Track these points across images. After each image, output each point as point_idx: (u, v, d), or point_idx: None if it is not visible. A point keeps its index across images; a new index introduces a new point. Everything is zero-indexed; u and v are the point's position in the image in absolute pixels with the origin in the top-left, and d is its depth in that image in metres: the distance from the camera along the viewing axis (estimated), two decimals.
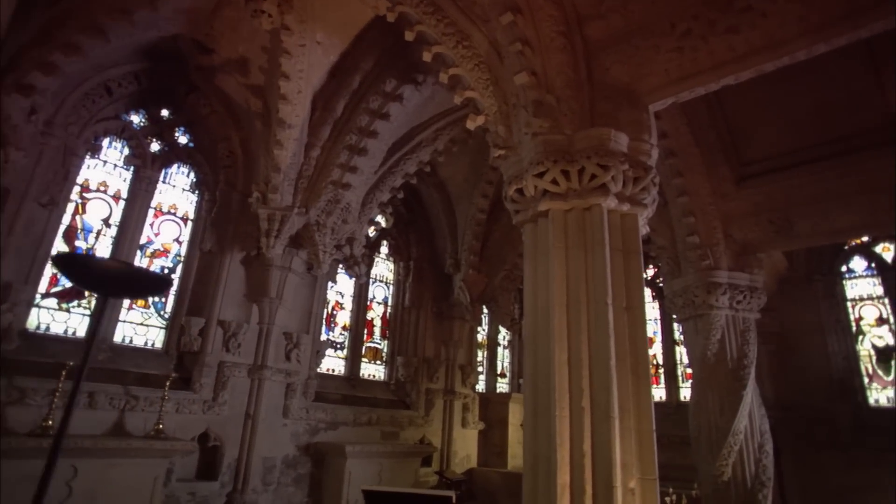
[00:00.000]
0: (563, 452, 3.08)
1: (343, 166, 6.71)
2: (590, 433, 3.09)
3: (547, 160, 3.59)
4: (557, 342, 3.28)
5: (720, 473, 5.95)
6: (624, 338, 3.28)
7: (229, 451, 6.48)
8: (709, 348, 6.32)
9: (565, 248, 3.51)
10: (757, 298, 6.48)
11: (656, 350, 10.92)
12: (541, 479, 3.15)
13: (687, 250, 6.52)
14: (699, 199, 6.46)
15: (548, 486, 3.07)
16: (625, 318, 3.33)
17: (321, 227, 6.82)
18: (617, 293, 3.37)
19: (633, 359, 3.28)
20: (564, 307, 3.37)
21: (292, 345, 7.32)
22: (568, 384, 3.21)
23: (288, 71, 6.05)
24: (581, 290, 3.37)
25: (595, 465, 3.04)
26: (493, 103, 4.16)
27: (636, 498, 3.02)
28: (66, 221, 6.06)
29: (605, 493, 2.95)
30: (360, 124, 6.58)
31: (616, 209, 3.56)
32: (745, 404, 6.14)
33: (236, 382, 6.70)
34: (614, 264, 3.44)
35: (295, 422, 7.23)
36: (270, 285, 7.05)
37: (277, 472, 6.90)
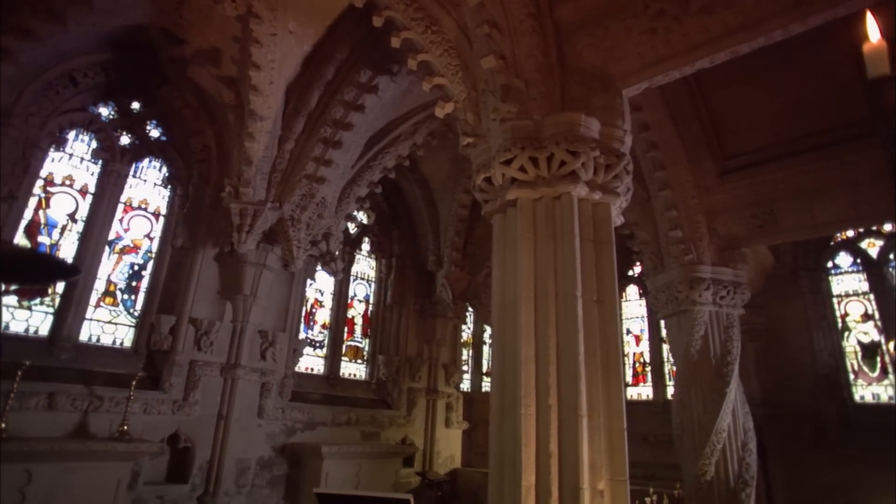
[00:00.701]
0: (529, 453, 2.93)
1: (317, 160, 6.52)
2: (556, 432, 2.94)
3: (514, 147, 3.43)
4: (524, 337, 3.13)
5: (703, 472, 5.83)
6: (594, 332, 3.13)
7: (201, 452, 6.27)
8: (692, 345, 6.19)
9: (533, 239, 3.36)
10: (741, 294, 6.36)
11: (643, 348, 10.82)
12: (506, 481, 2.99)
13: (670, 245, 6.40)
14: (682, 192, 6.34)
15: (513, 488, 2.92)
16: (595, 312, 3.18)
17: (295, 222, 6.63)
18: (587, 285, 3.22)
19: (603, 354, 3.13)
20: (532, 300, 3.22)
21: (268, 343, 7.12)
22: (535, 381, 3.06)
23: (259, 61, 5.85)
24: (549, 282, 3.22)
25: (562, 465, 2.88)
26: (462, 90, 4.00)
27: (605, 500, 2.87)
28: (28, 216, 5.84)
29: (571, 495, 2.80)
30: (334, 116, 6.40)
31: (587, 198, 3.41)
32: (729, 402, 6.02)
33: (208, 382, 6.50)
34: (585, 255, 3.29)
35: (270, 422, 7.03)
36: (244, 282, 6.85)
37: (252, 473, 6.71)
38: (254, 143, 6.18)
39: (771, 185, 6.02)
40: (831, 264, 9.05)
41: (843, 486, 7.36)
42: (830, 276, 8.96)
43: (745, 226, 6.28)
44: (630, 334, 11.16)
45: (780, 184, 5.96)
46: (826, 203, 5.75)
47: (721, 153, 6.41)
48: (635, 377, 10.87)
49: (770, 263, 8.88)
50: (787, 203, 5.97)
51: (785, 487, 7.88)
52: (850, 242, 9.00)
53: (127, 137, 6.83)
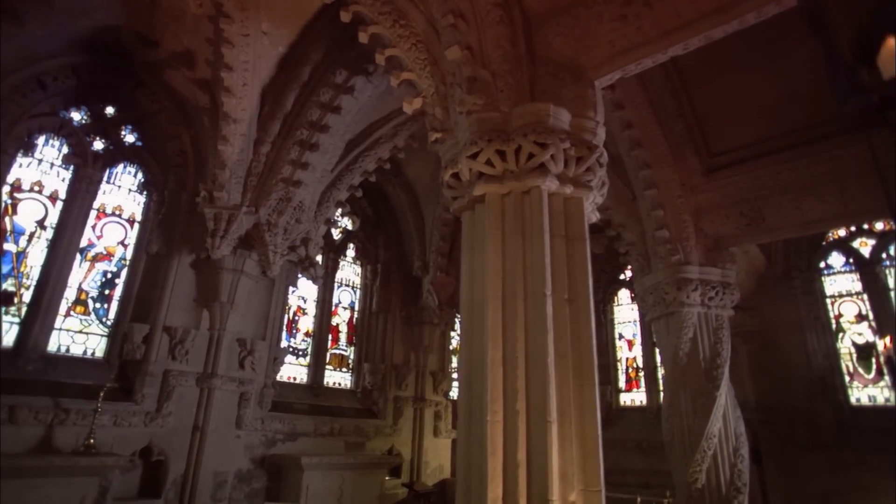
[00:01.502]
0: (495, 462, 2.74)
1: (294, 163, 6.37)
2: (525, 440, 2.76)
3: (481, 140, 3.28)
4: (491, 338, 2.95)
5: (693, 480, 5.63)
6: (565, 333, 2.96)
7: (175, 465, 6.06)
8: (680, 348, 6.02)
9: (502, 236, 3.20)
10: (730, 294, 6.19)
11: (636, 353, 10.64)
12: (473, 493, 2.80)
13: (657, 245, 6.24)
14: (668, 191, 6.19)
15: (480, 501, 2.73)
16: (567, 311, 3.01)
17: (272, 226, 6.46)
18: (558, 283, 3.05)
19: (576, 356, 2.95)
20: (499, 300, 3.05)
21: (246, 352, 6.93)
22: (502, 385, 2.88)
23: (231, 62, 5.72)
24: (518, 280, 3.05)
25: (531, 475, 2.70)
26: (430, 84, 3.85)
27: None
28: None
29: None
30: (310, 118, 6.25)
31: (558, 192, 3.25)
32: (719, 406, 5.83)
33: (183, 392, 6.29)
34: (556, 252, 3.12)
35: (249, 433, 6.82)
36: (221, 289, 6.67)
37: (229, 487, 6.48)
38: (227, 145, 6.03)
39: (758, 182, 5.88)
40: (824, 264, 8.89)
41: (839, 492, 7.17)
42: (823, 276, 8.80)
43: (733, 224, 6.13)
44: (622, 339, 10.98)
45: (766, 181, 5.82)
46: (814, 200, 5.60)
47: (707, 151, 6.27)
48: (628, 383, 10.68)
49: (762, 264, 8.74)
50: (775, 200, 5.82)
51: (781, 493, 7.67)
52: (842, 242, 8.86)
53: (100, 142, 6.68)
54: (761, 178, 5.85)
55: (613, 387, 10.68)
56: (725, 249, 6.22)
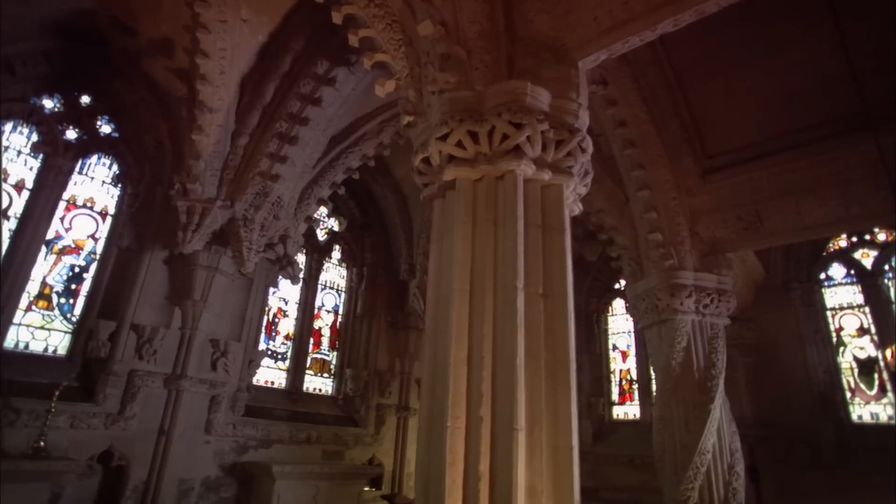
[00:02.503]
0: (454, 474, 2.43)
1: (272, 156, 6.11)
2: (489, 450, 2.45)
3: (452, 120, 3.01)
4: (455, 336, 2.66)
5: (685, 498, 5.29)
6: (538, 331, 2.66)
7: (136, 471, 5.72)
8: (673, 357, 5.71)
9: (472, 224, 2.91)
10: (726, 302, 5.90)
11: (630, 364, 10.31)
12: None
13: (649, 249, 5.96)
14: (662, 193, 5.92)
15: None
16: (541, 307, 2.72)
17: (248, 222, 6.18)
18: (531, 276, 2.76)
19: (550, 357, 2.66)
20: (466, 293, 2.75)
21: (219, 353, 6.61)
22: (466, 387, 2.58)
23: (207, 48, 5.49)
24: (488, 272, 2.76)
25: (493, 490, 2.39)
26: (404, 66, 3.60)
27: None
28: None
29: None
30: (290, 110, 6.01)
31: (535, 178, 2.97)
32: (714, 419, 5.51)
33: (150, 393, 5.97)
34: (530, 243, 2.84)
35: (220, 439, 6.49)
36: (194, 286, 6.38)
37: (195, 495, 6.14)
38: (202, 136, 5.78)
39: (756, 184, 5.61)
40: (824, 276, 8.61)
41: None
42: (823, 288, 8.52)
43: (730, 229, 5.85)
44: (616, 350, 10.66)
45: (764, 183, 5.55)
46: (814, 203, 5.33)
47: (703, 151, 6.01)
48: (621, 395, 10.34)
49: (760, 275, 8.46)
50: (773, 204, 5.55)
51: None
52: (844, 253, 8.59)
53: (73, 132, 6.43)
54: (759, 180, 5.59)
55: (606, 399, 10.34)
56: (722, 255, 5.93)
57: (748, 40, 5.39)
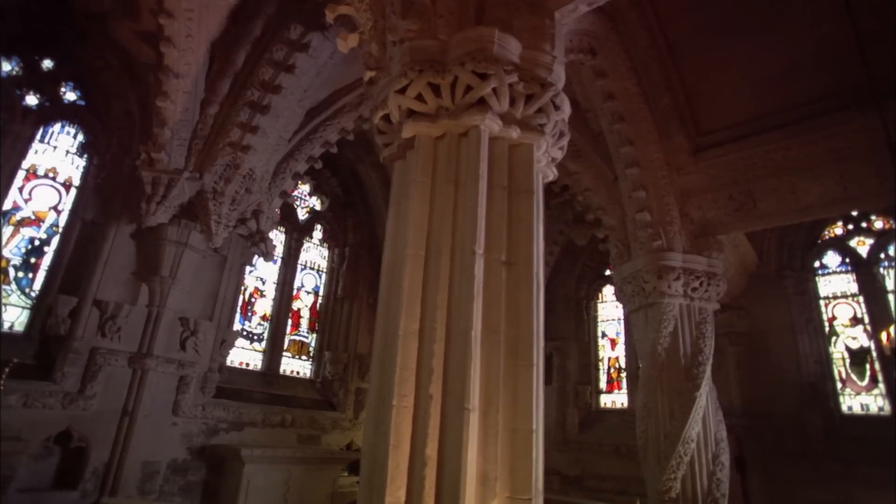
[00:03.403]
0: (399, 457, 2.18)
1: (243, 126, 5.79)
2: (438, 432, 2.20)
3: (412, 70, 2.72)
4: (406, 306, 2.39)
5: (667, 488, 5.08)
6: (499, 301, 2.40)
7: (97, 453, 5.48)
8: (659, 342, 5.48)
9: (431, 185, 2.64)
10: (715, 286, 5.65)
11: (619, 352, 10.10)
12: (375, 495, 2.24)
13: (637, 230, 5.70)
14: (651, 171, 5.65)
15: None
16: (502, 276, 2.46)
17: (217, 195, 5.89)
18: (494, 242, 2.49)
19: (511, 331, 2.40)
20: (420, 260, 2.49)
21: (189, 332, 6.35)
22: (416, 363, 2.33)
23: (171, 8, 5.14)
24: (445, 237, 2.49)
25: (441, 476, 2.14)
26: (368, 17, 3.30)
27: None
28: None
29: None
30: (262, 78, 5.68)
31: (502, 136, 2.69)
32: (699, 407, 5.29)
33: (112, 373, 5.72)
34: (494, 205, 2.56)
35: (188, 421, 6.25)
36: (162, 262, 6.10)
37: (161, 478, 5.91)
38: (168, 102, 5.45)
39: (749, 163, 5.34)
40: (818, 264, 8.37)
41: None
42: (817, 276, 8.28)
43: (721, 209, 5.59)
44: (605, 338, 10.44)
45: (758, 161, 5.29)
46: (810, 182, 5.07)
47: (695, 128, 5.73)
48: (609, 383, 10.14)
49: (753, 262, 8.22)
50: (767, 183, 5.29)
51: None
52: (839, 240, 8.35)
53: (34, 97, 6.09)
54: (753, 158, 5.32)
55: (594, 387, 10.14)
56: (713, 237, 5.68)
57: (745, 10, 5.09)
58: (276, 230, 8.29)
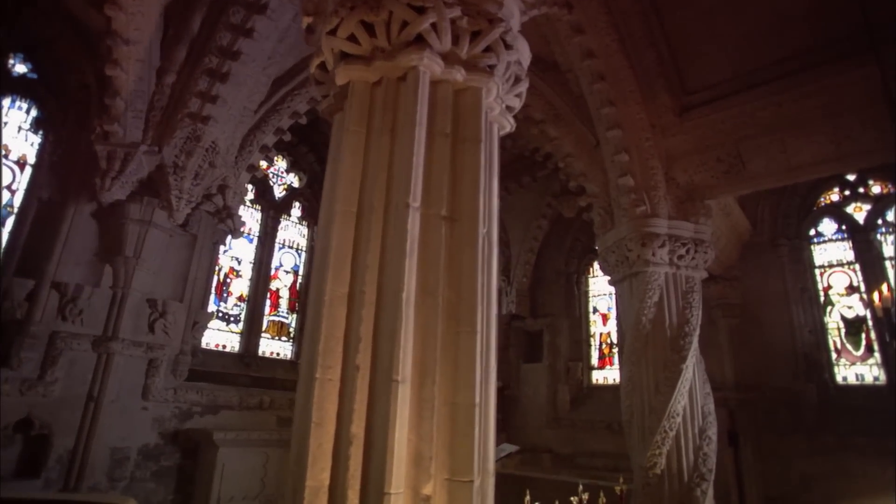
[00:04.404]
0: (322, 436, 1.94)
1: (202, 95, 5.47)
2: (365, 408, 1.96)
3: (343, 8, 2.41)
4: (333, 267, 2.13)
5: (651, 465, 4.88)
6: (437, 261, 2.14)
7: (61, 440, 5.28)
8: (644, 313, 5.22)
9: (366, 135, 2.35)
10: (703, 253, 5.38)
11: (611, 328, 9.88)
12: (297, 478, 2.01)
13: (620, 196, 5.41)
14: (634, 133, 5.34)
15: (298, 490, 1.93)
16: (442, 232, 2.19)
17: (179, 169, 5.59)
18: (433, 195, 2.22)
19: (452, 294, 2.14)
20: (352, 217, 2.22)
21: (157, 314, 6.11)
22: (344, 330, 2.07)
23: None
24: (378, 191, 2.22)
25: (369, 457, 1.90)
26: None
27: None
28: None
29: (377, 502, 1.82)
30: (220, 43, 5.34)
31: (446, 78, 2.40)
32: (686, 380, 5.06)
33: (75, 357, 5.49)
34: (436, 154, 2.29)
35: (159, 405, 6.05)
36: (125, 242, 5.83)
37: (132, 464, 5.73)
38: (118, 70, 5.12)
39: (738, 121, 5.02)
40: (813, 232, 8.09)
41: (821, 477, 6.48)
42: (812, 244, 8.01)
43: (709, 172, 5.29)
44: (597, 313, 10.22)
45: (747, 120, 4.96)
46: (802, 140, 4.76)
47: (681, 87, 5.39)
48: (601, 359, 9.95)
49: (746, 230, 7.94)
50: (757, 143, 4.98)
51: (757, 478, 6.98)
52: (835, 207, 8.06)
53: None
54: (741, 116, 4.99)
55: (585, 364, 9.95)
56: (700, 201, 5.39)
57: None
58: (252, 208, 8.01)
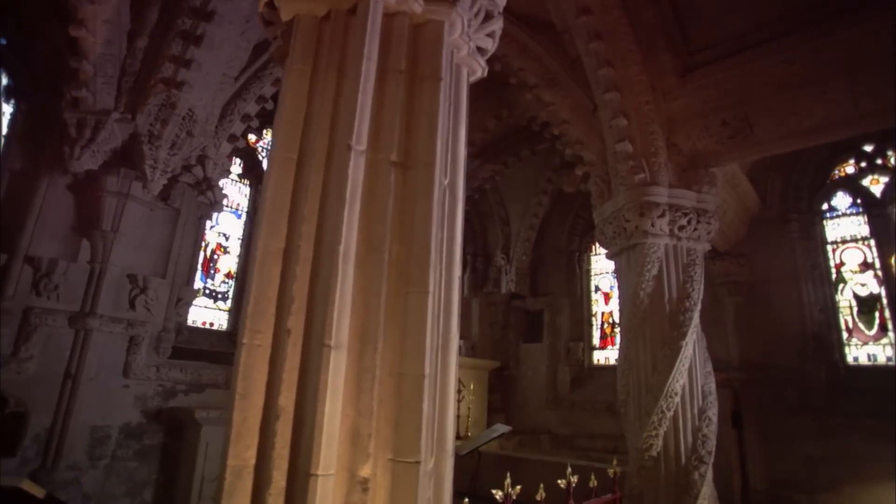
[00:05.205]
0: (248, 409, 1.70)
1: (176, 59, 5.18)
2: (297, 376, 1.71)
3: None
4: (266, 221, 1.87)
5: (647, 446, 4.64)
6: (384, 212, 1.86)
7: (38, 418, 5.13)
8: (642, 287, 4.94)
9: (311, 73, 2.07)
10: (706, 223, 5.07)
11: (613, 307, 9.59)
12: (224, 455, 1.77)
13: (618, 163, 5.09)
14: (634, 96, 5.00)
15: None
16: (391, 180, 1.91)
17: (154, 138, 5.34)
18: (382, 138, 1.94)
19: (402, 251, 1.87)
20: (292, 164, 1.95)
21: (138, 290, 5.91)
22: (277, 290, 1.81)
23: None
24: (321, 135, 1.94)
25: (298, 433, 1.65)
26: None
27: (375, 493, 1.65)
28: None
29: (303, 484, 1.58)
30: (193, 3, 5.05)
31: (401, 10, 2.10)
32: (685, 358, 4.79)
33: (51, 334, 5.32)
34: (387, 93, 2.00)
35: (141, 383, 5.88)
36: (103, 215, 5.62)
37: (113, 443, 5.59)
38: (84, 31, 4.84)
39: (745, 80, 4.66)
40: (826, 206, 7.69)
41: (826, 459, 6.21)
42: (825, 219, 7.62)
43: (713, 137, 4.95)
44: (599, 292, 9.93)
45: (756, 79, 4.60)
46: (815, 99, 4.40)
47: (684, 45, 5.03)
48: (603, 339, 9.70)
49: (754, 204, 7.57)
50: (766, 104, 4.62)
51: (760, 460, 6.73)
52: (850, 180, 7.64)
53: None
54: (749, 75, 4.63)
55: (586, 344, 9.71)
56: (703, 169, 5.06)
57: None
58: (241, 183, 7.77)
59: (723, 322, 7.49)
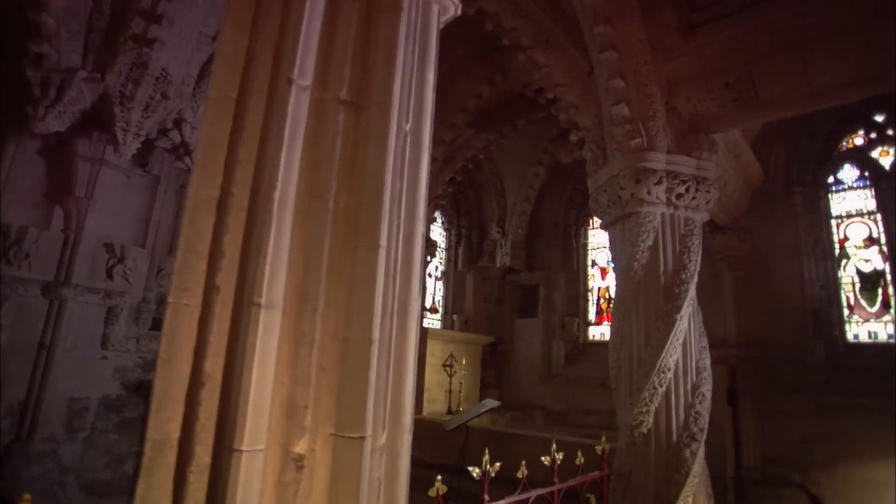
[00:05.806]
0: (171, 376, 1.50)
1: (147, 14, 4.88)
2: (226, 341, 1.50)
3: None
4: (199, 166, 1.64)
5: (637, 423, 4.48)
6: (331, 157, 1.64)
7: (11, 390, 5.00)
8: (636, 258, 4.71)
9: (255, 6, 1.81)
10: (705, 192, 4.81)
11: (609, 282, 9.40)
12: None
13: (614, 127, 4.81)
14: (632, 55, 4.68)
15: None
16: (340, 120, 1.68)
17: (126, 99, 5.07)
18: (332, 75, 1.70)
19: (351, 199, 1.65)
20: (231, 104, 1.70)
21: (116, 259, 5.73)
22: (209, 245, 1.60)
23: None
24: (261, 70, 1.70)
25: (227, 403, 1.46)
26: None
27: (313, 471, 1.46)
28: None
29: (228, 460, 1.39)
30: None
31: None
32: (679, 332, 4.59)
33: (22, 304, 5.15)
34: (338, 25, 1.75)
35: (120, 354, 5.75)
36: (76, 181, 5.39)
37: (91, 415, 5.48)
38: None
39: (751, 38, 4.35)
40: (832, 179, 7.42)
41: (822, 437, 6.08)
42: (830, 193, 7.36)
43: (715, 101, 4.66)
44: (595, 266, 9.74)
45: (762, 35, 4.29)
46: (827, 58, 4.09)
47: (687, 2, 4.71)
48: (599, 315, 9.54)
49: (757, 176, 7.29)
50: (772, 63, 4.31)
51: (756, 438, 6.61)
52: (859, 151, 7.36)
53: None
54: (755, 32, 4.32)
55: (582, 319, 9.56)
56: (704, 134, 4.78)
57: None
58: None
59: (721, 298, 7.30)
